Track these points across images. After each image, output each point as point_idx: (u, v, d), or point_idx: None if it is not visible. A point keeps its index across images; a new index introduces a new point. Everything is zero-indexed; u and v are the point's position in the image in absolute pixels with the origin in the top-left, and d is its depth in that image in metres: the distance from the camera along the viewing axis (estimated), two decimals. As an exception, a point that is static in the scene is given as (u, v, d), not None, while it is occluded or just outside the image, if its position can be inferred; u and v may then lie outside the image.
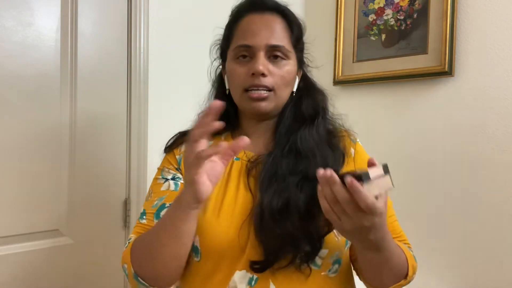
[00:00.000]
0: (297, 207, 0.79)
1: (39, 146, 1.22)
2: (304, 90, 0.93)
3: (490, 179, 1.41)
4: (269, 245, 0.79)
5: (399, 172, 1.63)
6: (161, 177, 0.93)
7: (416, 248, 1.65)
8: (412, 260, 0.85)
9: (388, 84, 1.66)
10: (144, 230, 0.86)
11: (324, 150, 0.87)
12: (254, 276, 0.81)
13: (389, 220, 0.90)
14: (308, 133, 0.88)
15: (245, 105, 0.87)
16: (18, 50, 1.17)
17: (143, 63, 1.40)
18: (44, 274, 1.23)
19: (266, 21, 0.86)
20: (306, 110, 0.91)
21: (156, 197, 0.89)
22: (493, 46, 1.41)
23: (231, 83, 0.89)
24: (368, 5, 1.70)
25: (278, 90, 0.86)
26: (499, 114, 1.40)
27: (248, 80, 0.84)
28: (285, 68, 0.86)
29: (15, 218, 1.18)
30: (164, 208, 0.87)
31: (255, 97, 0.84)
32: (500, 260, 1.39)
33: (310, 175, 0.82)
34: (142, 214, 0.90)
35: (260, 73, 0.83)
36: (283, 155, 0.86)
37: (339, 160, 0.88)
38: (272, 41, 0.85)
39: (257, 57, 0.84)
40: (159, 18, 1.44)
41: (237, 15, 0.90)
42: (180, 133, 0.98)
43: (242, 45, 0.85)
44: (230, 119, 0.93)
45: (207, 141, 0.68)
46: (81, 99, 1.30)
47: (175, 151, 0.94)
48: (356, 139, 0.96)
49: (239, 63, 0.86)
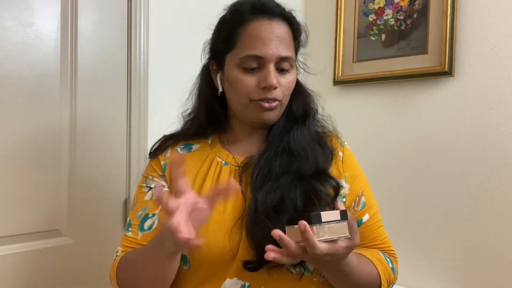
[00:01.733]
0: (292, 205, 0.79)
1: (39, 146, 1.22)
2: (294, 91, 0.92)
3: (490, 179, 1.41)
4: (261, 242, 0.77)
5: (398, 172, 1.63)
6: (145, 185, 0.91)
7: (416, 248, 1.66)
8: (387, 274, 0.87)
9: (388, 84, 1.66)
10: (129, 244, 0.87)
11: (315, 149, 0.87)
12: (246, 283, 0.80)
13: (373, 226, 0.92)
14: (300, 132, 0.88)
15: (251, 114, 0.85)
16: (18, 50, 1.17)
17: (143, 63, 1.40)
18: (44, 274, 1.22)
19: (275, 29, 0.83)
20: (296, 110, 0.91)
21: (140, 206, 0.89)
22: (493, 46, 1.41)
23: (234, 91, 0.86)
24: (368, 5, 1.70)
25: (284, 99, 0.86)
26: (499, 114, 1.40)
27: (258, 92, 0.82)
28: (290, 78, 0.86)
29: (15, 218, 1.18)
30: (147, 219, 0.86)
31: (266, 107, 0.83)
32: (501, 260, 1.39)
33: (303, 173, 0.83)
34: (128, 225, 0.89)
35: (274, 87, 0.82)
36: (277, 155, 0.85)
37: (328, 158, 0.88)
38: (283, 53, 0.83)
39: (268, 70, 0.82)
40: (159, 18, 1.44)
41: (242, 17, 0.85)
42: (165, 136, 0.95)
43: (252, 55, 0.82)
44: (218, 120, 0.92)
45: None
46: (81, 99, 1.30)
47: (160, 157, 0.92)
48: (344, 142, 0.96)
49: (246, 73, 0.83)
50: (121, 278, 0.82)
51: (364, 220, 0.91)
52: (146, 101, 1.41)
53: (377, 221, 0.93)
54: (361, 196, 0.92)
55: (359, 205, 0.91)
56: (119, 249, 0.88)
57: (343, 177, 0.90)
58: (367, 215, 0.91)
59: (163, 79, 1.46)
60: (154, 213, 0.87)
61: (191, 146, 0.92)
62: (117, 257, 0.86)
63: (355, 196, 0.91)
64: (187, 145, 0.93)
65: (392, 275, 0.88)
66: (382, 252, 0.91)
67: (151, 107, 1.42)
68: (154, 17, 1.43)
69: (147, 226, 0.86)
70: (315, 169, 0.84)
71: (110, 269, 0.86)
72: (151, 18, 1.42)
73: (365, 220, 0.91)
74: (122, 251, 0.87)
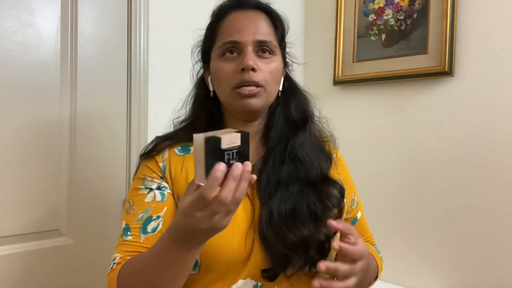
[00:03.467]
0: (303, 213, 0.81)
1: (39, 146, 1.22)
2: (289, 91, 0.92)
3: (490, 179, 1.41)
4: (277, 251, 0.78)
5: (398, 172, 1.63)
6: (143, 187, 0.87)
7: (416, 248, 1.66)
8: (380, 262, 0.97)
9: (388, 84, 1.66)
10: (130, 248, 0.82)
11: (317, 154, 0.89)
12: (259, 283, 0.81)
13: (365, 222, 1.03)
14: (304, 139, 0.88)
15: (235, 104, 0.84)
16: (18, 50, 1.17)
17: (143, 63, 1.40)
18: (44, 274, 1.23)
19: (251, 17, 0.86)
20: (295, 113, 0.90)
21: (140, 209, 0.84)
22: (493, 46, 1.41)
23: (218, 83, 0.86)
24: (368, 5, 1.70)
25: (268, 86, 0.84)
26: (499, 114, 1.40)
27: (237, 76, 0.82)
28: (272, 65, 0.85)
29: (15, 218, 1.18)
30: (150, 221, 0.83)
31: (245, 94, 0.82)
32: (500, 260, 1.39)
33: (312, 180, 0.85)
34: (125, 229, 0.84)
35: (250, 67, 0.81)
36: (284, 162, 0.86)
37: (327, 163, 0.91)
38: (260, 37, 0.84)
39: (245, 52, 0.82)
40: (159, 18, 1.44)
41: (220, 14, 0.89)
42: (159, 137, 0.93)
43: (229, 41, 0.83)
44: (215, 122, 0.91)
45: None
46: (81, 99, 1.30)
47: (157, 158, 0.89)
48: (336, 145, 0.99)
49: (225, 61, 0.84)
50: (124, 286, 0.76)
51: (358, 217, 1.00)
52: (146, 101, 1.41)
53: (365, 218, 1.03)
54: (354, 196, 0.99)
55: (354, 204, 0.98)
56: (116, 256, 0.82)
57: (339, 179, 0.92)
58: (359, 213, 1.00)
59: (163, 78, 1.46)
60: (158, 215, 0.83)
61: (189, 147, 0.91)
62: (114, 265, 0.81)
63: (351, 195, 0.97)
64: (184, 146, 0.92)
65: (382, 262, 0.99)
66: (371, 244, 1.02)
67: (151, 107, 1.42)
68: (154, 17, 1.43)
69: (150, 228, 0.82)
70: (321, 175, 0.87)
71: (107, 279, 0.80)
72: (151, 18, 1.42)
73: (359, 217, 1.00)
74: (121, 257, 0.81)
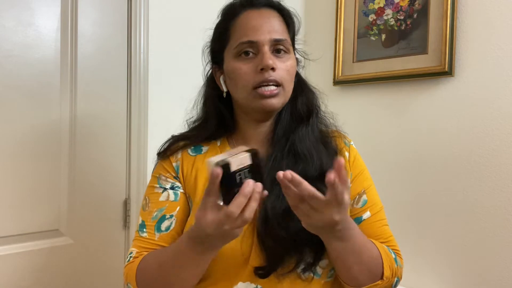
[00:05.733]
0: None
1: (39, 146, 1.22)
2: (298, 88, 0.92)
3: (491, 179, 1.41)
4: (272, 249, 0.79)
5: (399, 172, 1.63)
6: (158, 186, 0.90)
7: (416, 247, 1.66)
8: (389, 261, 0.85)
9: (388, 84, 1.66)
10: (145, 245, 0.86)
11: (319, 149, 0.87)
12: (259, 286, 0.81)
13: (377, 224, 0.92)
14: (305, 132, 0.88)
15: (253, 104, 0.85)
16: (18, 50, 1.17)
17: (143, 63, 1.40)
18: (44, 274, 1.23)
19: (265, 15, 0.85)
20: (301, 108, 0.90)
21: (155, 207, 0.88)
22: (493, 46, 1.41)
23: (235, 83, 0.86)
24: (368, 5, 1.70)
25: (286, 84, 0.85)
26: (499, 114, 1.40)
27: (257, 76, 0.82)
28: (288, 63, 0.86)
29: (15, 218, 1.18)
30: (164, 220, 0.86)
31: (267, 95, 0.82)
32: (500, 260, 1.39)
33: (309, 176, 0.82)
34: (141, 226, 0.88)
35: (270, 67, 0.81)
36: (283, 157, 0.86)
37: (332, 158, 0.86)
38: (275, 35, 0.84)
39: (263, 52, 0.82)
40: (159, 18, 1.44)
41: (232, 13, 0.88)
42: (174, 137, 0.95)
43: (245, 41, 0.83)
44: (226, 123, 0.92)
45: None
46: (81, 99, 1.30)
47: (171, 158, 0.91)
48: (350, 141, 0.96)
49: (242, 61, 0.84)
50: (143, 281, 0.80)
51: (364, 217, 0.91)
52: (146, 101, 1.41)
53: (381, 220, 0.93)
54: (362, 195, 0.92)
55: (358, 203, 0.92)
56: (133, 250, 0.86)
57: (350, 176, 0.90)
58: (368, 213, 0.92)
59: (163, 78, 1.46)
60: (171, 214, 0.86)
61: (201, 148, 0.92)
62: (131, 258, 0.85)
63: (355, 193, 0.92)
64: (197, 147, 0.93)
65: (395, 265, 0.86)
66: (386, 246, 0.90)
67: (151, 107, 1.42)
68: (154, 17, 1.43)
69: (164, 227, 0.85)
70: (320, 170, 0.84)
71: (125, 271, 0.84)
72: (151, 18, 1.42)
73: (366, 218, 0.91)
74: (137, 252, 0.85)
